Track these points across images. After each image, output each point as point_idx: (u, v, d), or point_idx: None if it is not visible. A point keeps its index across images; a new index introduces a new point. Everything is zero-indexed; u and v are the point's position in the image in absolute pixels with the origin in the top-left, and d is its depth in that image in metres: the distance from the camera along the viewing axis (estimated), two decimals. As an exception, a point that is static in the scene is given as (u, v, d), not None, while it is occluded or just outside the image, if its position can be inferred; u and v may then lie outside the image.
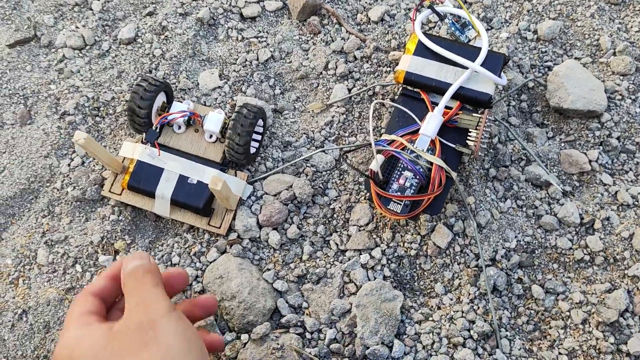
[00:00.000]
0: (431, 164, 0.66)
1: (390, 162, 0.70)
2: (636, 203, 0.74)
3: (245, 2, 0.90)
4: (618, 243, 0.72)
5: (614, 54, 0.83)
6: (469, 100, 0.71)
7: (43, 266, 0.74)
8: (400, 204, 0.68)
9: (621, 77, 0.81)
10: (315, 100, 0.84)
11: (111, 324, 0.51)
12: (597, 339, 0.68)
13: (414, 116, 0.71)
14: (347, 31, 0.87)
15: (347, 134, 0.81)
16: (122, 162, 0.77)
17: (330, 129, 0.81)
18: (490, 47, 0.70)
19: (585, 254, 0.72)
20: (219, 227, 0.74)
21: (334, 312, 0.70)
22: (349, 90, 0.83)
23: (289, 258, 0.73)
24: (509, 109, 0.81)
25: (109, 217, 0.76)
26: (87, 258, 0.74)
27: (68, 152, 0.81)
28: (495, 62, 0.71)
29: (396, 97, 0.81)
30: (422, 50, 0.73)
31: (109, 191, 0.77)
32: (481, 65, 0.69)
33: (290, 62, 0.87)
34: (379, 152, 0.68)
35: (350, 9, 0.90)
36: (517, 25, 0.86)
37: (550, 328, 0.69)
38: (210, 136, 0.77)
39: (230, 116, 0.73)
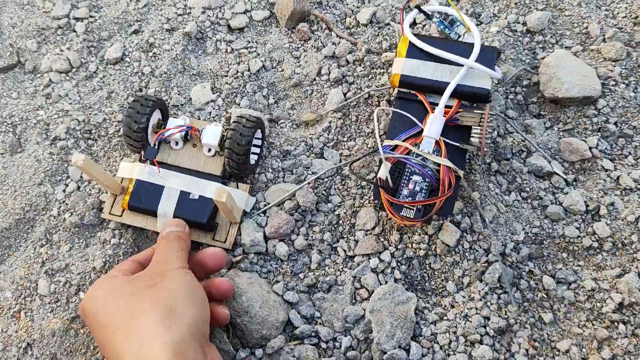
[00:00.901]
0: (439, 165, 0.67)
1: (397, 168, 0.69)
2: (639, 186, 0.75)
3: (232, 13, 0.90)
4: (625, 228, 0.73)
5: (604, 40, 0.85)
6: (468, 96, 0.71)
7: (45, 297, 0.73)
8: (413, 209, 0.68)
9: (613, 63, 0.83)
10: (310, 107, 0.85)
11: (132, 276, 0.62)
12: (613, 322, 0.68)
13: (413, 119, 0.72)
14: (337, 35, 0.88)
15: (345, 139, 0.81)
16: (121, 182, 0.77)
17: (328, 134, 0.81)
18: (482, 41, 0.70)
19: (593, 241, 0.73)
20: (224, 242, 0.74)
21: (347, 319, 0.70)
22: (344, 94, 0.84)
23: (297, 268, 0.73)
24: (506, 102, 0.82)
25: (109, 241, 0.75)
26: (90, 285, 0.73)
27: (62, 177, 0.81)
28: (489, 56, 0.71)
29: (392, 100, 0.82)
30: (414, 52, 0.73)
31: (109, 213, 0.76)
32: (476, 60, 0.70)
33: (283, 70, 0.87)
34: (385, 159, 0.68)
35: (338, 13, 0.91)
36: (506, 18, 0.87)
37: (566, 318, 0.70)
38: (209, 150, 0.77)
39: (228, 128, 0.73)
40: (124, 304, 0.57)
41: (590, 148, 0.78)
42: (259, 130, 0.77)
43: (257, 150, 0.79)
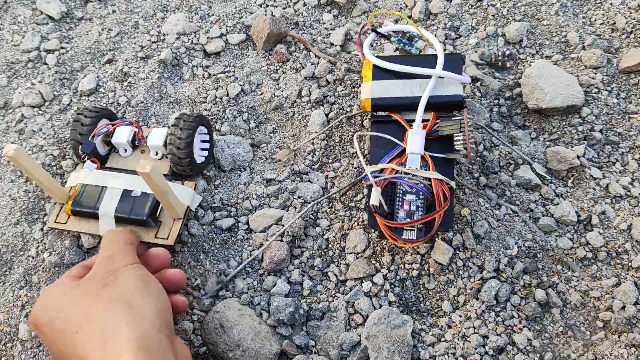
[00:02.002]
0: (429, 180, 0.66)
1: (388, 191, 0.68)
2: (628, 193, 0.76)
3: (208, 38, 0.90)
4: (618, 236, 0.73)
5: (584, 48, 0.86)
6: (442, 106, 0.71)
7: (26, 341, 0.71)
8: (414, 230, 0.67)
9: (594, 71, 0.84)
10: (293, 130, 0.84)
11: (82, 279, 0.61)
12: (615, 333, 0.68)
13: (393, 139, 0.71)
14: (315, 55, 0.88)
15: (330, 160, 0.81)
16: (69, 192, 0.76)
17: (312, 157, 0.81)
18: (445, 50, 0.71)
19: (587, 251, 0.73)
20: (167, 238, 0.73)
21: (343, 346, 0.68)
22: (326, 115, 0.83)
23: (290, 296, 0.72)
24: (491, 115, 0.82)
25: (92, 279, 0.74)
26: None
27: (39, 215, 0.79)
28: (455, 63, 0.71)
29: (366, 123, 0.81)
30: (379, 73, 0.73)
31: (55, 222, 0.75)
32: (442, 68, 0.70)
33: (262, 93, 0.87)
34: (372, 185, 0.67)
35: (314, 32, 0.91)
36: (484, 30, 0.88)
37: (561, 331, 0.70)
38: (156, 153, 0.78)
39: (169, 126, 0.74)
40: (80, 307, 0.56)
41: (577, 157, 0.78)
42: (202, 127, 0.77)
43: (206, 145, 0.79)
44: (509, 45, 0.88)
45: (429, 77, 0.70)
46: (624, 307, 0.68)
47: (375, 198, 0.65)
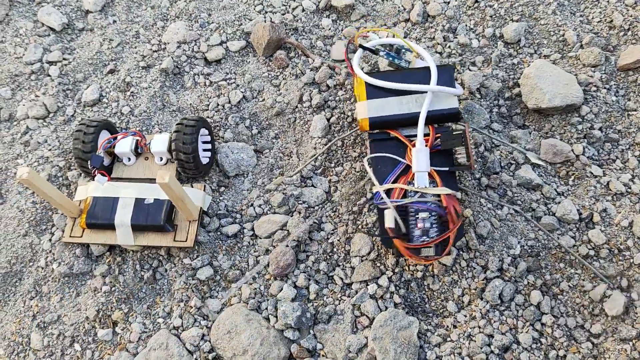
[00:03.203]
0: (437, 195, 0.67)
1: (399, 210, 0.68)
2: (629, 190, 0.77)
3: (208, 45, 0.91)
4: (619, 233, 0.74)
5: (582, 46, 0.87)
6: (439, 120, 0.72)
7: (39, 351, 0.73)
8: (432, 246, 0.68)
9: (593, 69, 0.85)
10: (295, 135, 0.85)
11: None
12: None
13: (394, 157, 0.71)
14: (314, 61, 0.89)
15: (333, 165, 0.82)
16: (79, 205, 0.78)
17: (315, 162, 0.82)
18: (436, 61, 0.72)
19: (589, 249, 0.74)
20: (185, 240, 0.75)
21: (350, 349, 0.70)
22: (328, 120, 0.85)
23: (297, 300, 0.73)
24: (491, 116, 0.83)
25: (101, 289, 0.75)
26: (85, 335, 0.73)
27: (47, 226, 0.80)
28: (448, 75, 0.73)
29: (366, 142, 0.82)
30: (374, 92, 0.73)
31: (70, 236, 0.77)
32: (437, 83, 0.71)
33: (264, 100, 0.88)
34: (383, 208, 0.67)
35: (314, 38, 0.93)
36: (483, 32, 0.89)
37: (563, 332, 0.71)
38: (161, 159, 0.80)
39: (172, 132, 0.76)
40: None
41: (577, 156, 0.79)
42: (204, 129, 0.80)
43: (208, 147, 0.81)
44: (507, 46, 0.89)
45: (424, 92, 0.71)
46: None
47: (391, 220, 0.66)
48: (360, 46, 0.76)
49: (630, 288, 0.71)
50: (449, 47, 0.89)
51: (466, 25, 0.91)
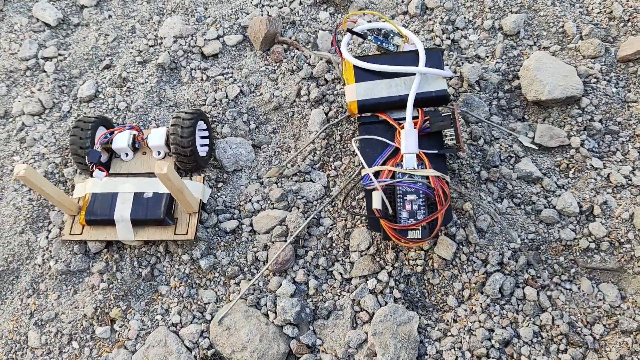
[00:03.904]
0: (426, 177, 0.67)
1: (387, 192, 0.68)
2: (630, 182, 0.77)
3: (205, 40, 0.91)
4: (620, 225, 0.74)
5: (581, 38, 0.86)
6: (428, 102, 0.72)
7: (36, 349, 0.72)
8: (419, 229, 0.68)
9: (592, 60, 0.84)
10: (293, 130, 0.85)
11: None
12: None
13: (383, 139, 0.71)
14: (310, 55, 0.88)
15: (331, 159, 0.82)
16: (78, 203, 0.78)
17: (313, 156, 0.82)
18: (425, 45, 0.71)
19: (590, 242, 0.74)
20: (186, 233, 0.75)
21: (350, 344, 0.70)
22: (326, 114, 0.84)
23: (296, 295, 0.73)
24: (490, 108, 0.83)
25: (98, 286, 0.75)
26: (83, 332, 0.73)
27: (44, 223, 0.80)
28: (436, 58, 0.72)
29: (353, 126, 0.82)
30: (362, 75, 0.73)
31: (70, 234, 0.77)
32: (425, 65, 0.71)
33: (261, 94, 0.87)
34: (372, 189, 0.67)
35: (313, 31, 0.92)
36: (482, 24, 0.89)
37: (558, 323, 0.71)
38: (159, 153, 0.79)
39: (170, 126, 0.76)
40: None
41: (577, 148, 0.79)
42: (202, 121, 0.80)
43: (206, 141, 0.81)
44: (507, 38, 0.88)
45: (413, 74, 0.71)
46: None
47: (378, 201, 0.66)
48: (348, 30, 0.76)
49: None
50: (448, 39, 0.89)
51: (465, 18, 0.90)
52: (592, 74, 0.83)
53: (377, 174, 0.68)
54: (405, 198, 0.67)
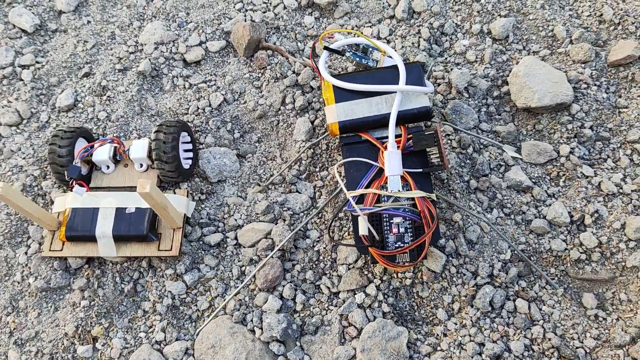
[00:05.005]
0: (412, 199, 0.66)
1: (374, 216, 0.67)
2: (621, 191, 0.76)
3: (187, 46, 0.89)
4: (612, 235, 0.73)
5: (571, 42, 0.85)
6: (411, 119, 0.70)
7: (16, 369, 0.71)
8: (407, 252, 0.66)
9: (583, 65, 0.83)
10: (278, 139, 0.83)
11: None
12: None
13: (367, 160, 0.70)
14: (294, 62, 0.86)
15: (317, 169, 0.80)
16: (58, 218, 0.76)
17: (299, 167, 0.80)
18: (404, 58, 0.69)
19: (581, 253, 0.73)
20: (170, 249, 0.73)
21: (338, 360, 0.69)
22: (312, 122, 0.83)
23: (282, 311, 0.72)
24: (479, 115, 0.81)
25: (79, 303, 0.73)
26: (64, 352, 0.71)
27: (23, 239, 0.78)
28: (416, 73, 0.71)
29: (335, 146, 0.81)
30: (342, 95, 0.71)
31: (50, 250, 0.75)
32: (405, 83, 0.69)
33: (245, 102, 0.86)
34: (357, 215, 0.66)
35: (299, 37, 0.90)
36: (470, 28, 0.87)
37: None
38: (141, 165, 0.78)
39: (152, 139, 0.75)
40: None
41: (565, 157, 0.78)
42: (185, 133, 0.78)
43: (190, 154, 0.79)
44: (496, 42, 0.87)
45: (393, 92, 0.69)
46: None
47: (364, 228, 0.64)
48: (326, 48, 0.74)
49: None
50: (436, 44, 0.87)
51: (453, 22, 0.89)
52: (582, 80, 0.82)
53: (362, 197, 0.67)
54: (391, 222, 0.66)
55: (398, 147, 0.68)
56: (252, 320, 0.71)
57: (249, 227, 0.76)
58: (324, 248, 0.75)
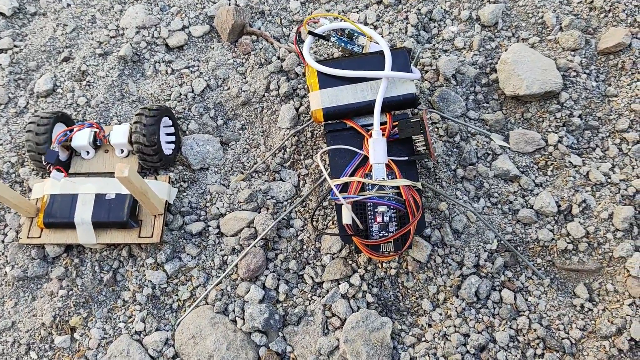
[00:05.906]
0: (397, 187, 0.65)
1: (358, 205, 0.66)
2: (609, 180, 0.75)
3: (169, 31, 0.87)
4: (599, 225, 0.73)
5: (561, 29, 0.84)
6: (396, 106, 0.69)
7: (-7, 359, 0.70)
8: (391, 242, 0.66)
9: (572, 53, 0.82)
10: (262, 126, 0.82)
11: None
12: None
13: (351, 148, 0.68)
14: (279, 47, 0.85)
15: (302, 157, 0.79)
16: (36, 204, 0.75)
17: (283, 154, 0.79)
18: (391, 44, 0.68)
19: (568, 243, 0.72)
20: (151, 236, 0.72)
21: (321, 351, 0.68)
22: (297, 109, 0.81)
23: (264, 301, 0.71)
24: (467, 103, 0.80)
25: (57, 293, 0.72)
26: (42, 342, 0.70)
27: (-1, 227, 0.77)
28: (403, 60, 0.69)
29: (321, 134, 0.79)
30: (326, 81, 0.70)
31: (28, 237, 0.74)
32: (391, 68, 0.68)
33: (229, 88, 0.84)
34: (340, 204, 0.65)
35: (285, 22, 0.89)
36: (459, 14, 0.86)
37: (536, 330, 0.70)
38: (122, 151, 0.77)
39: (132, 123, 0.74)
40: None
41: (553, 145, 0.77)
42: (167, 118, 0.77)
43: (172, 138, 0.78)
44: (485, 29, 0.86)
45: (379, 78, 0.68)
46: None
47: (348, 217, 0.64)
48: (310, 33, 0.73)
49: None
50: (424, 30, 0.86)
51: (441, 8, 0.88)
52: (571, 67, 0.81)
53: (346, 185, 0.66)
54: (376, 210, 0.65)
55: (383, 134, 0.67)
56: (233, 311, 0.70)
57: (231, 216, 0.75)
58: (308, 237, 0.74)
